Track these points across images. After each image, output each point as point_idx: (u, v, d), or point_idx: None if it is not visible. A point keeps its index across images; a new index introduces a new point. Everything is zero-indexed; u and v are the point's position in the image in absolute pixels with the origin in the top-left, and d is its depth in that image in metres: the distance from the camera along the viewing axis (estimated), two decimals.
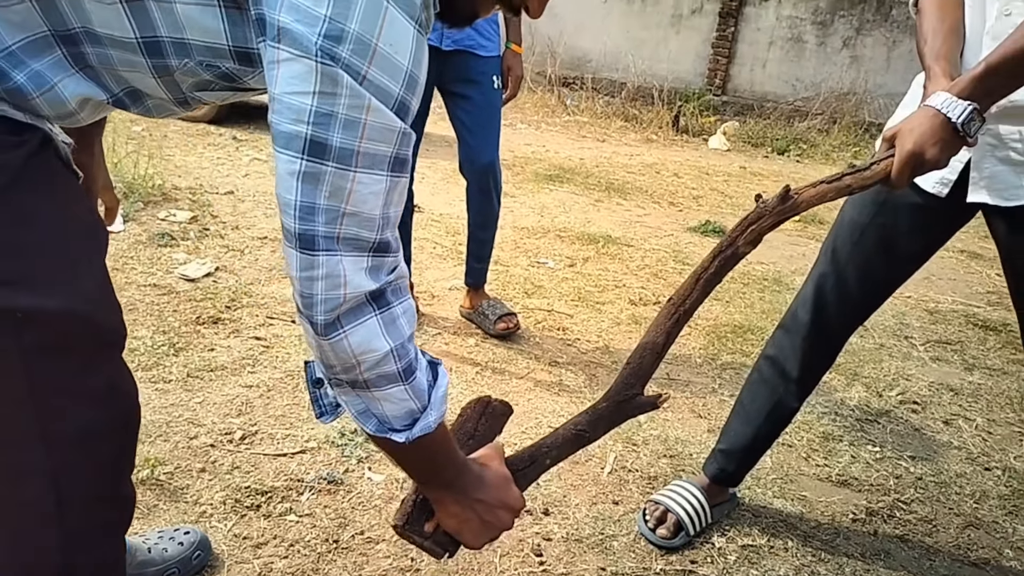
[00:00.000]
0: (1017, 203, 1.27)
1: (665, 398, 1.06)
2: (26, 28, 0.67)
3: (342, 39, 0.62)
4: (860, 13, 8.86)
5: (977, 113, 1.10)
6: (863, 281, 1.47)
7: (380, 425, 0.79)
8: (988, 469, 2.07)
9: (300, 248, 0.68)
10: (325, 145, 0.65)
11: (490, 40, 2.33)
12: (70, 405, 0.75)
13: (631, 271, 3.41)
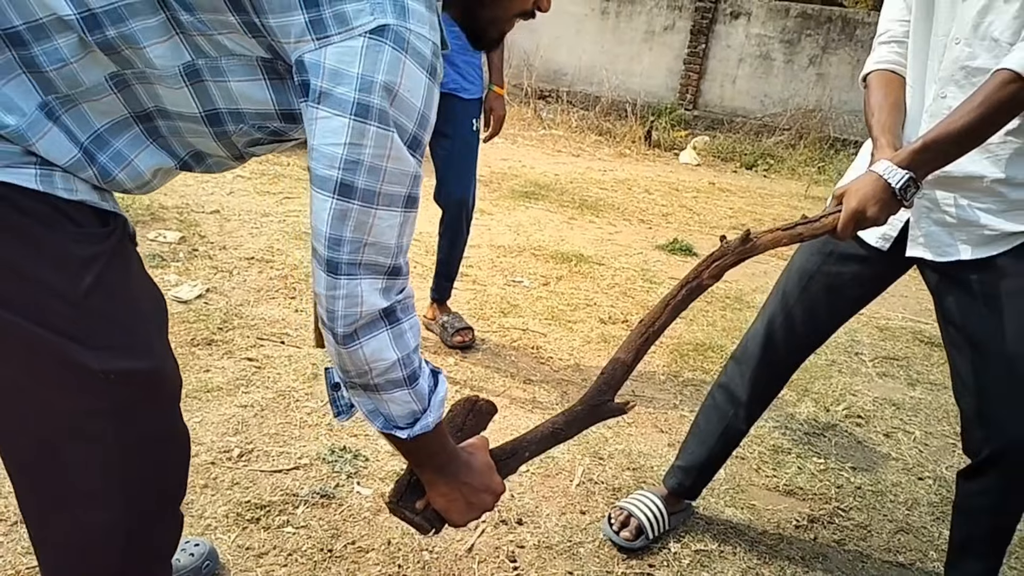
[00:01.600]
0: (949, 259, 1.44)
1: (632, 405, 1.22)
2: (110, 113, 0.82)
3: (372, 89, 0.77)
4: (826, 32, 9.17)
5: (913, 181, 1.29)
6: (809, 322, 1.65)
7: (386, 423, 0.92)
8: (921, 479, 2.27)
9: (327, 271, 0.82)
10: (352, 187, 0.79)
11: (472, 83, 2.50)
12: (147, 447, 0.90)
13: (602, 289, 3.60)
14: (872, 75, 1.51)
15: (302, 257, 3.35)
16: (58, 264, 0.80)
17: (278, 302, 2.88)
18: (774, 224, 5.61)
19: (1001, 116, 1.26)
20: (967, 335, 1.45)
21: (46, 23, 0.75)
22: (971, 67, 1.35)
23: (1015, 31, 1.29)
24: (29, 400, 0.82)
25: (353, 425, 2.12)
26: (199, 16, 0.76)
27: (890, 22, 1.52)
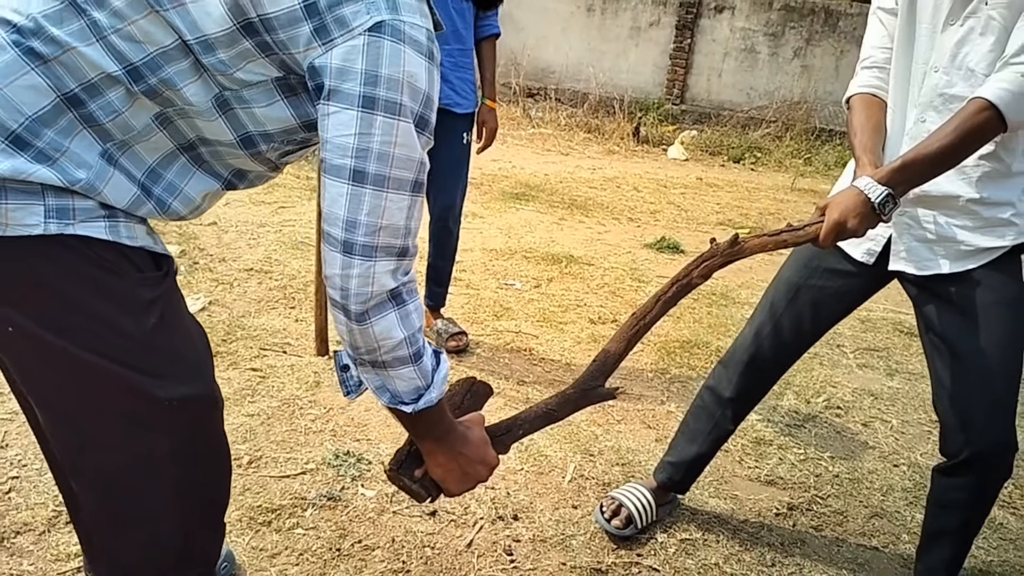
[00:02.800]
0: (929, 272, 1.55)
1: (621, 391, 1.32)
2: (159, 149, 0.93)
3: (377, 82, 0.85)
4: (809, 25, 9.28)
5: (891, 197, 1.39)
6: (795, 331, 1.76)
7: (392, 398, 0.99)
8: (896, 465, 2.40)
9: (343, 252, 0.89)
10: (364, 173, 0.87)
11: (465, 98, 2.60)
12: (201, 463, 1.01)
13: (591, 290, 3.71)
14: (855, 98, 1.61)
15: (300, 267, 3.46)
16: (128, 308, 0.91)
17: (279, 312, 2.98)
18: (759, 217, 5.70)
19: (975, 141, 1.37)
20: (948, 343, 1.54)
21: (97, 82, 0.85)
22: (948, 94, 1.46)
23: (990, 63, 1.40)
24: (103, 427, 0.93)
25: (356, 430, 2.23)
26: (219, 55, 0.86)
27: (872, 48, 1.61)
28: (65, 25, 0.83)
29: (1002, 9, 1.38)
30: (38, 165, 0.83)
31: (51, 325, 0.87)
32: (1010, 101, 1.33)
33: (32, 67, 0.82)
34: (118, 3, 0.84)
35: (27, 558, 1.61)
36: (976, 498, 1.60)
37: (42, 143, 0.84)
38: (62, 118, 0.85)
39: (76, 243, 0.87)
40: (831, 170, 7.93)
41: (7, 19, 0.83)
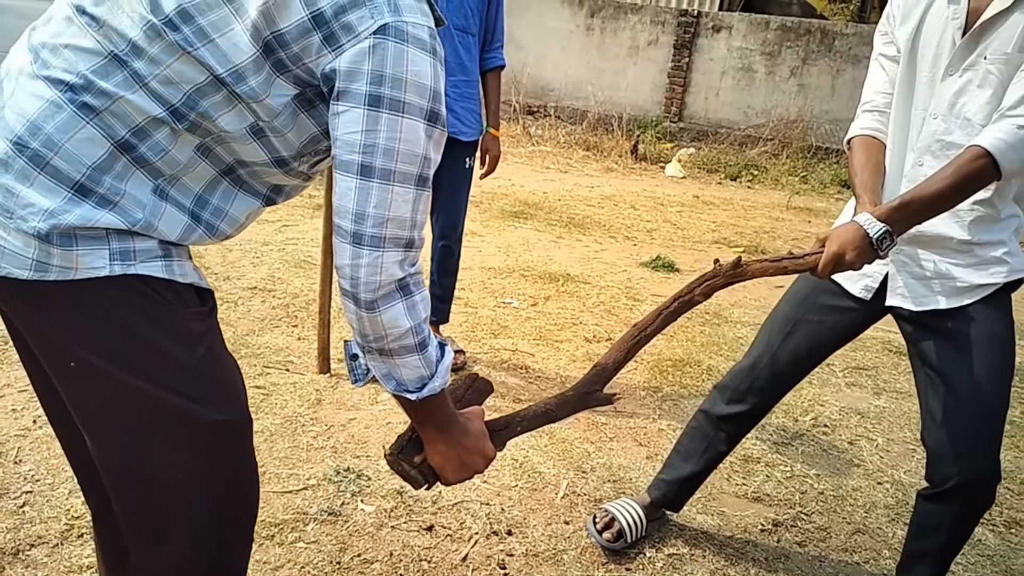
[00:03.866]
0: (925, 308, 1.63)
1: (618, 397, 1.35)
2: (203, 177, 1.01)
3: (382, 81, 0.91)
4: (806, 44, 9.41)
5: (889, 234, 1.46)
6: (791, 363, 1.83)
7: (398, 386, 1.03)
8: (880, 483, 2.47)
9: (352, 243, 0.94)
10: (371, 167, 0.92)
11: (469, 127, 2.71)
12: (236, 480, 1.09)
13: (587, 308, 3.79)
14: (855, 139, 1.69)
15: (302, 285, 3.54)
16: (181, 341, 0.99)
17: (281, 330, 3.06)
18: (755, 236, 5.79)
19: (970, 186, 1.45)
20: (943, 377, 1.61)
21: (144, 125, 0.93)
22: (946, 141, 1.54)
23: (987, 114, 1.49)
24: (152, 449, 1.01)
25: (356, 447, 2.31)
26: (249, 83, 0.94)
27: (873, 93, 1.70)
28: (111, 78, 0.91)
29: (1000, 65, 1.47)
30: (102, 211, 0.91)
31: (113, 359, 0.95)
32: (1005, 151, 1.41)
33: (87, 121, 0.90)
34: (153, 51, 0.91)
35: (41, 570, 1.68)
36: (958, 524, 1.66)
37: (103, 189, 0.92)
38: (117, 163, 0.93)
39: (137, 282, 0.95)
40: (827, 188, 8.04)
41: (60, 79, 0.91)
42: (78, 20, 0.92)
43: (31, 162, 0.90)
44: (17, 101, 0.92)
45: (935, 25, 1.58)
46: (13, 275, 0.91)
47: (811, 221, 6.55)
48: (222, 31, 0.91)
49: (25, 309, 0.97)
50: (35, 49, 0.94)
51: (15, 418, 2.23)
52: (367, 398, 2.60)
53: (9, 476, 1.98)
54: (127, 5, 0.91)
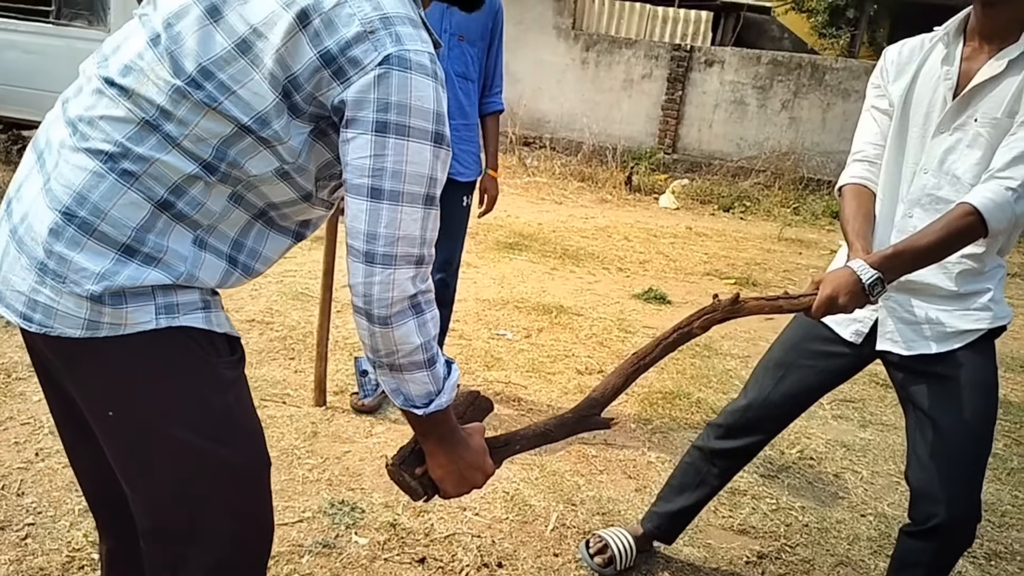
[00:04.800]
0: (914, 352, 1.68)
1: (616, 422, 1.40)
2: (237, 223, 1.07)
3: (388, 108, 0.96)
4: (796, 78, 9.60)
5: (881, 280, 1.52)
6: (783, 406, 1.89)
7: (405, 400, 1.07)
8: (864, 515, 2.52)
9: (365, 262, 0.98)
10: (380, 190, 0.97)
11: (468, 168, 2.80)
12: (256, 512, 1.15)
13: (580, 340, 3.86)
14: (847, 187, 1.77)
15: (300, 318, 3.61)
16: (215, 388, 1.06)
17: (279, 363, 3.12)
18: (746, 267, 5.88)
19: (959, 241, 1.53)
20: (930, 420, 1.67)
21: (180, 183, 0.99)
22: (936, 195, 1.62)
23: (975, 174, 1.57)
24: (181, 488, 1.07)
25: (350, 479, 2.36)
26: (273, 127, 1.00)
27: (864, 143, 1.78)
28: (145, 143, 0.97)
29: (989, 128, 1.55)
30: (148, 268, 0.98)
31: (152, 407, 1.02)
32: (993, 210, 1.48)
33: (128, 186, 0.97)
34: (181, 112, 0.98)
35: None
36: (938, 561, 1.71)
37: (147, 248, 0.98)
38: (159, 221, 0.99)
39: (179, 334, 1.02)
40: (818, 219, 8.15)
41: (99, 149, 0.97)
42: (108, 92, 0.99)
43: (80, 230, 0.96)
44: (62, 173, 0.98)
45: (928, 83, 1.66)
46: (66, 334, 0.98)
47: (802, 253, 6.65)
48: (242, 82, 0.97)
49: (71, 363, 1.03)
50: (72, 122, 1.00)
51: (18, 451, 2.28)
52: (362, 431, 2.66)
53: (12, 508, 2.02)
54: (152, 73, 0.98)
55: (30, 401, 2.57)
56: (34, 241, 0.98)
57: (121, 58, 1.01)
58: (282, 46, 0.96)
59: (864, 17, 10.43)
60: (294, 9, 0.95)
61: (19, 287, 0.99)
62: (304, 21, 0.95)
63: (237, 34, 0.97)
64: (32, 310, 0.98)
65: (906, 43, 1.75)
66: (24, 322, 0.99)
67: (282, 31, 0.95)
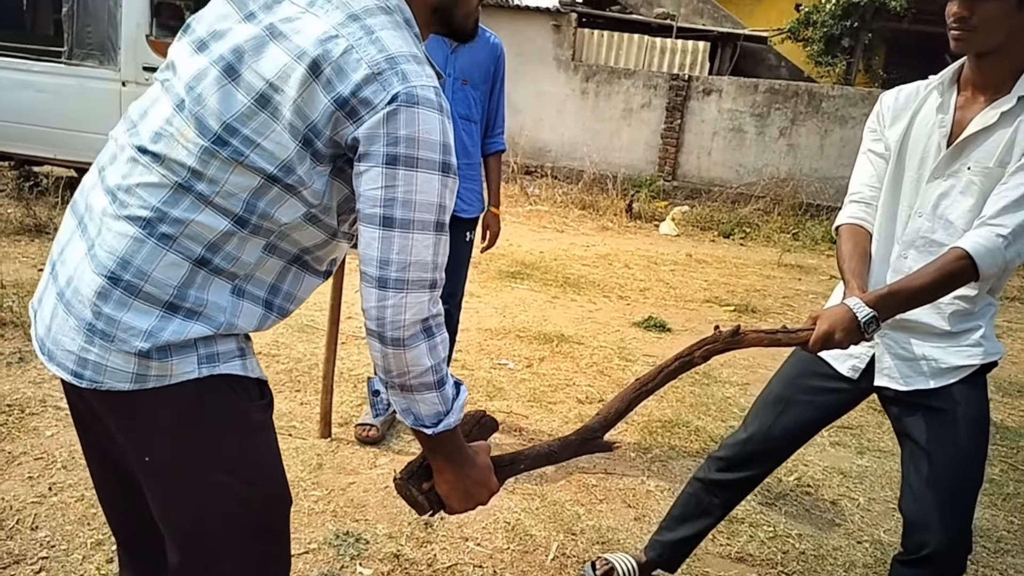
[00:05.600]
0: (910, 388, 1.75)
1: (618, 446, 1.45)
2: (273, 270, 1.14)
3: (397, 142, 1.01)
4: (794, 105, 9.73)
5: (875, 319, 1.58)
6: (782, 439, 1.95)
7: (415, 420, 1.12)
8: (860, 542, 2.56)
9: (378, 287, 1.04)
10: (392, 218, 1.03)
11: (471, 205, 2.90)
12: (277, 546, 1.21)
13: (580, 369, 3.92)
14: (843, 227, 1.84)
15: (305, 350, 3.68)
16: (247, 431, 1.13)
17: (284, 395, 3.19)
18: (745, 294, 5.94)
19: (951, 284, 1.59)
20: (925, 452, 1.72)
21: (215, 240, 1.05)
22: (929, 238, 1.70)
23: (968, 220, 1.64)
24: (212, 521, 1.13)
25: (355, 511, 2.41)
26: (298, 173, 1.06)
27: (861, 185, 1.85)
28: (180, 205, 1.04)
29: (981, 176, 1.63)
30: (191, 322, 1.05)
31: (191, 452, 1.09)
32: (984, 255, 1.55)
33: (167, 249, 1.03)
34: (211, 171, 1.05)
35: None
36: None
37: (189, 303, 1.05)
38: (198, 277, 1.05)
39: (218, 381, 1.09)
40: (817, 245, 8.22)
41: (138, 216, 1.04)
42: (142, 160, 1.06)
43: (126, 292, 1.03)
44: (105, 240, 1.05)
45: (923, 130, 1.73)
46: (115, 388, 1.05)
47: (801, 279, 6.71)
48: (265, 134, 1.03)
49: (118, 413, 1.10)
50: (111, 191, 1.07)
51: (31, 485, 2.34)
52: (366, 462, 2.71)
53: (26, 542, 2.08)
54: (181, 136, 1.06)
55: (43, 436, 2.64)
56: (81, 304, 1.05)
57: (150, 125, 1.08)
58: (298, 97, 1.02)
59: (859, 46, 10.59)
60: (305, 61, 1.02)
61: (69, 347, 1.06)
62: (316, 71, 1.02)
63: (255, 90, 1.04)
64: (82, 368, 1.05)
65: (902, 89, 1.82)
66: (75, 379, 1.06)
67: (297, 83, 1.02)
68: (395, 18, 1.09)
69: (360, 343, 3.89)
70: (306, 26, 1.05)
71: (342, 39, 1.02)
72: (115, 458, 1.21)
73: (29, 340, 3.39)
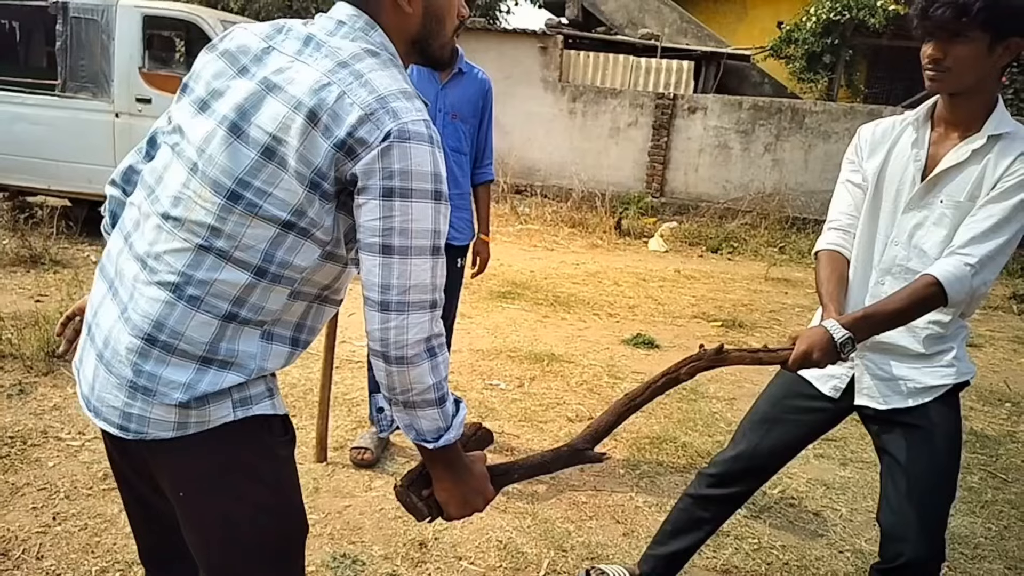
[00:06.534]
0: (888, 407, 1.84)
1: (607, 456, 1.52)
2: (298, 311, 1.20)
3: (392, 176, 1.08)
4: (778, 122, 9.90)
5: (851, 340, 1.67)
6: (769, 456, 2.04)
7: (417, 435, 1.18)
8: (841, 552, 2.64)
9: (380, 310, 1.10)
10: (391, 246, 1.10)
11: (462, 233, 3.01)
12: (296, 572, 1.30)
13: (570, 388, 4.00)
14: (822, 252, 1.94)
15: (300, 376, 3.75)
16: (274, 465, 1.21)
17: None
18: (733, 309, 6.03)
19: (921, 308, 1.69)
20: (901, 467, 1.81)
21: (239, 295, 1.12)
22: (904, 266, 1.80)
23: (941, 250, 1.74)
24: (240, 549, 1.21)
25: (351, 533, 2.48)
26: (309, 215, 1.14)
27: (839, 213, 1.95)
28: (203, 266, 1.11)
29: (953, 209, 1.73)
30: (225, 372, 1.13)
31: (224, 488, 1.18)
32: (953, 282, 1.65)
33: (196, 309, 1.11)
34: (229, 227, 1.11)
35: None
36: None
37: (222, 355, 1.13)
38: (228, 331, 1.13)
39: (250, 421, 1.16)
40: (804, 258, 8.34)
41: (167, 281, 1.12)
42: (166, 227, 1.14)
43: (163, 350, 1.12)
44: (139, 305, 1.13)
45: (899, 163, 1.84)
46: (159, 437, 1.14)
47: (788, 292, 6.82)
48: (275, 184, 1.11)
49: (159, 457, 1.18)
50: (140, 259, 1.16)
51: (36, 515, 2.40)
52: (361, 485, 2.78)
53: (32, 571, 2.14)
54: (198, 198, 1.13)
55: (45, 467, 2.70)
56: (121, 363, 1.13)
57: (169, 190, 1.16)
58: (300, 145, 1.10)
59: (840, 62, 10.80)
60: (303, 111, 1.10)
61: (113, 403, 1.15)
62: (314, 120, 1.09)
63: (260, 143, 1.12)
64: (127, 421, 1.14)
65: (879, 123, 1.93)
66: (121, 432, 1.15)
67: (298, 132, 1.10)
68: (382, 58, 1.17)
69: (354, 368, 3.97)
70: (298, 76, 1.12)
71: (334, 86, 1.10)
72: (151, 497, 1.29)
73: (28, 372, 3.47)
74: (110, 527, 2.37)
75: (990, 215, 1.68)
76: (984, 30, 1.61)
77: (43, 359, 3.54)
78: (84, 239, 6.22)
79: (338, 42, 1.16)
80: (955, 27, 1.62)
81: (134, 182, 1.33)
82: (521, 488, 2.88)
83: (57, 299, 4.42)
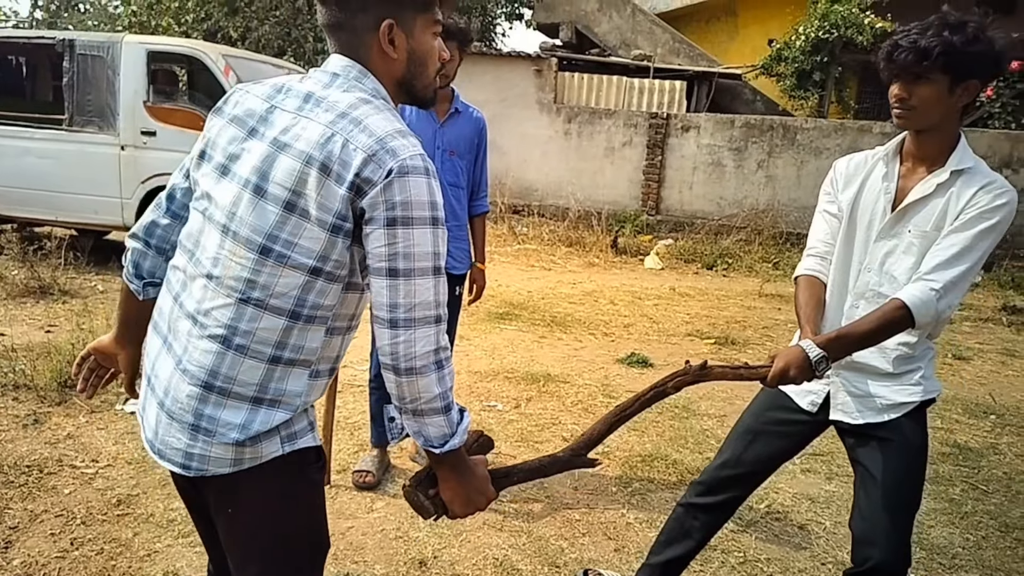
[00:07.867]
0: (861, 422, 1.98)
1: (600, 462, 1.64)
2: (336, 346, 1.35)
3: (394, 207, 1.20)
4: (770, 139, 10.07)
5: (825, 359, 1.81)
6: (753, 466, 2.17)
7: (425, 441, 1.29)
8: (824, 564, 2.76)
9: (389, 327, 1.22)
10: (396, 270, 1.22)
11: (459, 262, 3.15)
12: None
13: (566, 408, 4.12)
14: (801, 278, 2.09)
15: None
16: (309, 491, 1.35)
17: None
18: (726, 326, 6.15)
19: (890, 330, 1.83)
20: (872, 477, 1.94)
21: (279, 338, 1.25)
22: (877, 291, 1.94)
23: (910, 276, 1.88)
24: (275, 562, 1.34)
25: (354, 552, 2.60)
26: (333, 258, 1.27)
27: (817, 240, 2.10)
28: (244, 318, 1.24)
29: (920, 238, 1.88)
30: (274, 410, 1.27)
31: (267, 513, 1.32)
32: (919, 306, 1.79)
33: (244, 356, 1.25)
34: (263, 279, 1.24)
35: None
36: None
37: (270, 395, 1.26)
38: (274, 372, 1.26)
39: (294, 454, 1.30)
40: None
41: (216, 334, 1.25)
42: (210, 285, 1.27)
43: (220, 394, 1.25)
44: (193, 357, 1.27)
45: (871, 195, 1.99)
46: (219, 473, 1.27)
47: (781, 308, 6.94)
48: (300, 234, 1.23)
49: (217, 491, 1.31)
50: (191, 316, 1.29)
51: (54, 541, 2.53)
52: (363, 507, 2.90)
53: None
54: (234, 256, 1.26)
55: (62, 495, 2.83)
56: (183, 410, 1.27)
57: (207, 253, 1.29)
58: (318, 195, 1.23)
59: (830, 79, 10.98)
60: (315, 165, 1.23)
61: (176, 445, 1.29)
62: (327, 171, 1.22)
63: (281, 199, 1.24)
64: (189, 460, 1.28)
65: (852, 158, 2.08)
66: (184, 471, 1.29)
67: (314, 184, 1.22)
68: (376, 103, 1.30)
69: (356, 392, 4.09)
70: (304, 132, 1.25)
71: (338, 136, 1.23)
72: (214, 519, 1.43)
73: (42, 402, 3.60)
74: (125, 551, 2.49)
75: (953, 244, 1.82)
76: (944, 72, 1.76)
77: (56, 389, 3.67)
78: (91, 269, 6.37)
79: (335, 95, 1.29)
80: (918, 70, 1.77)
81: (157, 235, 1.46)
82: (517, 507, 3.00)
83: (67, 329, 4.56)
